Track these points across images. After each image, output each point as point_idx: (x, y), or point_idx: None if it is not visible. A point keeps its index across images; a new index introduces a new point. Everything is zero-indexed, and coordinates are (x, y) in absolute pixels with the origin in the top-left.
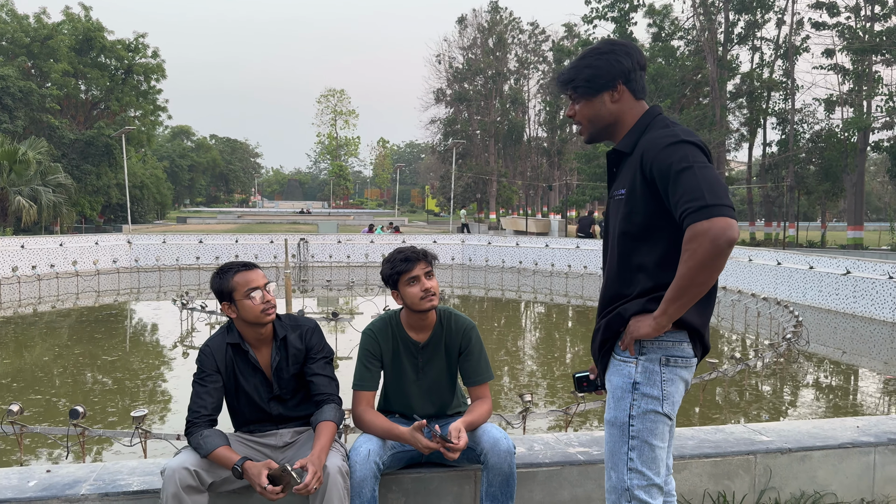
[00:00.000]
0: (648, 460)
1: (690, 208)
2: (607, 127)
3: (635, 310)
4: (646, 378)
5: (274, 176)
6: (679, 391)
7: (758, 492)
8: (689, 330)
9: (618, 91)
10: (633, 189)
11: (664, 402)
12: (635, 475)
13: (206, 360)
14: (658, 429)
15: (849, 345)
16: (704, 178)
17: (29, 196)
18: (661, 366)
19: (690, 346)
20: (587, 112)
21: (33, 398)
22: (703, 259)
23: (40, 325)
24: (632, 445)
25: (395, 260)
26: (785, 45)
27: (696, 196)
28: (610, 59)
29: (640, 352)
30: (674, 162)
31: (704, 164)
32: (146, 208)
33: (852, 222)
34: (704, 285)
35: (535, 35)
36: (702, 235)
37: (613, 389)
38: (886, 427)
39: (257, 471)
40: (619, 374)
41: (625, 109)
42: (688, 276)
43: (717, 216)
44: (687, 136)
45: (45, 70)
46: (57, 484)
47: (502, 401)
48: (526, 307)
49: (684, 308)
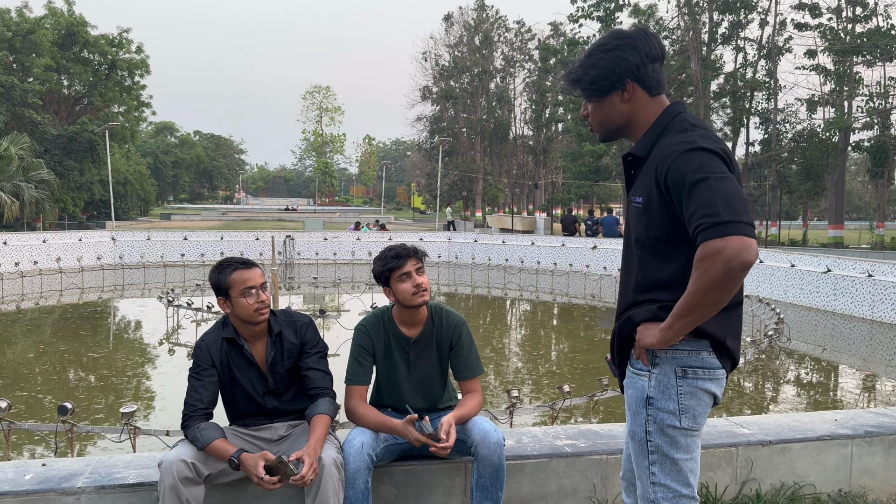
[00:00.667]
0: (672, 473)
1: (704, 224)
2: (620, 128)
3: (645, 316)
4: (660, 392)
5: (259, 173)
6: (703, 403)
7: (739, 483)
8: (710, 339)
9: (628, 90)
10: (650, 199)
11: (682, 417)
12: (660, 489)
13: (202, 354)
14: (679, 442)
15: (829, 342)
16: (721, 191)
17: (11, 192)
18: (678, 378)
19: (714, 355)
20: (598, 114)
21: (18, 395)
22: (713, 280)
23: (24, 322)
24: (652, 460)
25: (386, 257)
26: (768, 46)
27: (711, 211)
28: (615, 56)
29: (652, 363)
30: (689, 172)
31: (722, 175)
32: (129, 205)
33: (833, 221)
34: (715, 306)
35: (522, 33)
36: (714, 255)
37: (629, 402)
38: (863, 420)
39: (254, 462)
40: (633, 386)
41: (638, 108)
42: (697, 296)
43: (734, 234)
44: (705, 143)
45: (28, 65)
46: (53, 477)
47: (489, 396)
48: (512, 305)
49: (693, 325)
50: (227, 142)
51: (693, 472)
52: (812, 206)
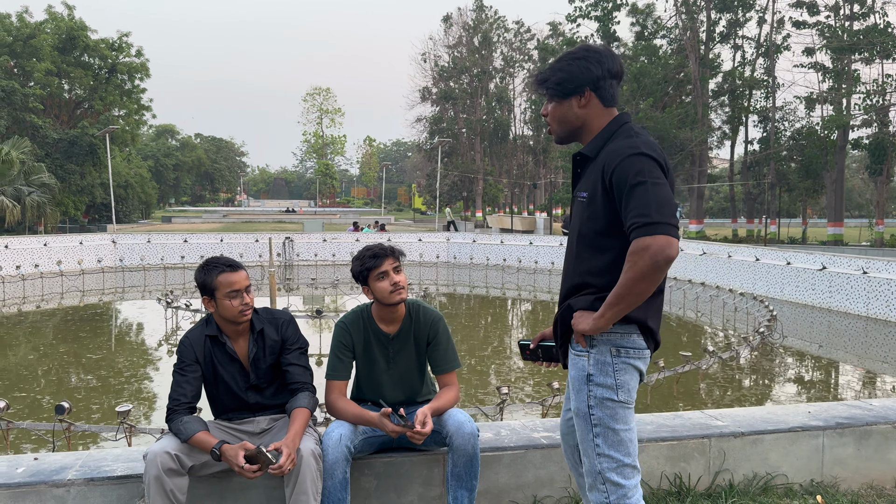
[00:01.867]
0: (615, 444)
1: (637, 223)
2: (574, 130)
3: (581, 305)
4: (598, 369)
5: (260, 175)
6: (634, 379)
7: (713, 473)
8: (637, 323)
9: (585, 97)
10: (594, 194)
11: (619, 391)
12: (604, 459)
13: (186, 350)
14: (618, 414)
15: (824, 338)
16: (655, 196)
17: (12, 196)
18: (613, 356)
19: (642, 338)
20: (556, 113)
21: (18, 396)
22: (641, 272)
23: (25, 324)
24: (596, 433)
25: (363, 257)
26: (766, 44)
27: (645, 212)
28: (581, 65)
29: (590, 345)
30: (630, 174)
31: (658, 181)
32: (131, 208)
33: (832, 219)
34: (642, 295)
35: (521, 34)
36: (643, 250)
37: (572, 381)
38: (836, 412)
39: (234, 452)
40: (575, 367)
41: (592, 115)
42: (627, 286)
43: (661, 234)
44: (648, 150)
45: (28, 69)
46: (44, 470)
47: (480, 395)
48: (510, 304)
49: (622, 313)
50: (229, 144)
51: (633, 443)
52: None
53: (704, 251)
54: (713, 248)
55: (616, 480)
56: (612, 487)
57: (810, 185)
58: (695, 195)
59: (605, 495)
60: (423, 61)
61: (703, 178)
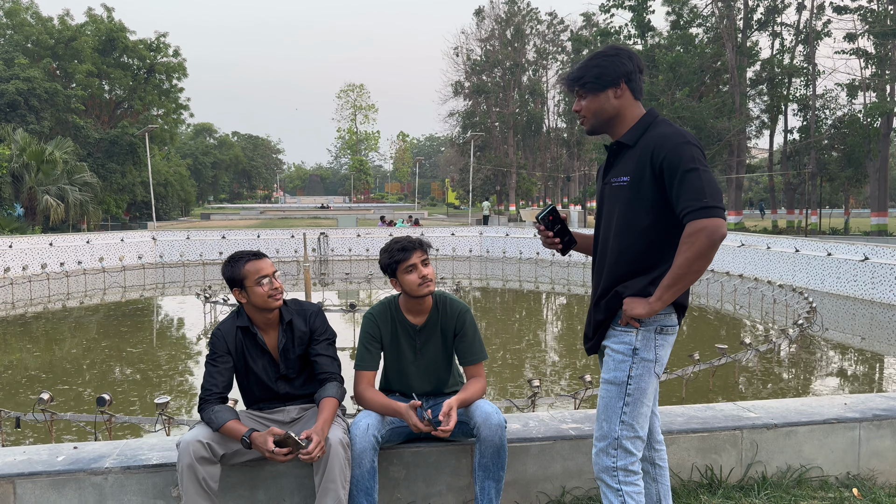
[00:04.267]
0: (637, 416)
1: (693, 206)
2: (608, 120)
3: (633, 291)
4: (644, 345)
5: (296, 172)
6: (667, 354)
7: (745, 465)
8: (675, 304)
9: (621, 89)
10: (638, 178)
11: (657, 364)
12: (626, 427)
13: (218, 342)
14: (650, 389)
15: (866, 331)
16: (708, 182)
17: (56, 195)
18: (656, 334)
19: (676, 316)
20: (592, 106)
21: (62, 388)
22: (699, 251)
23: (69, 320)
24: (627, 402)
25: (392, 250)
26: (805, 30)
27: (699, 196)
28: (615, 60)
29: (640, 322)
30: (683, 161)
31: (707, 168)
32: (171, 205)
33: (876, 209)
34: (698, 273)
35: (554, 25)
36: (700, 231)
37: (614, 354)
38: (873, 404)
39: (263, 438)
40: (621, 341)
41: (625, 106)
42: (685, 266)
43: (714, 216)
44: (692, 139)
45: (70, 71)
46: (83, 459)
47: (511, 388)
48: (545, 298)
49: (678, 294)
50: (265, 142)
51: (647, 420)
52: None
53: (743, 243)
54: (752, 240)
55: (629, 448)
56: (623, 454)
57: (852, 175)
58: (733, 186)
59: (614, 460)
60: (456, 55)
61: (742, 169)
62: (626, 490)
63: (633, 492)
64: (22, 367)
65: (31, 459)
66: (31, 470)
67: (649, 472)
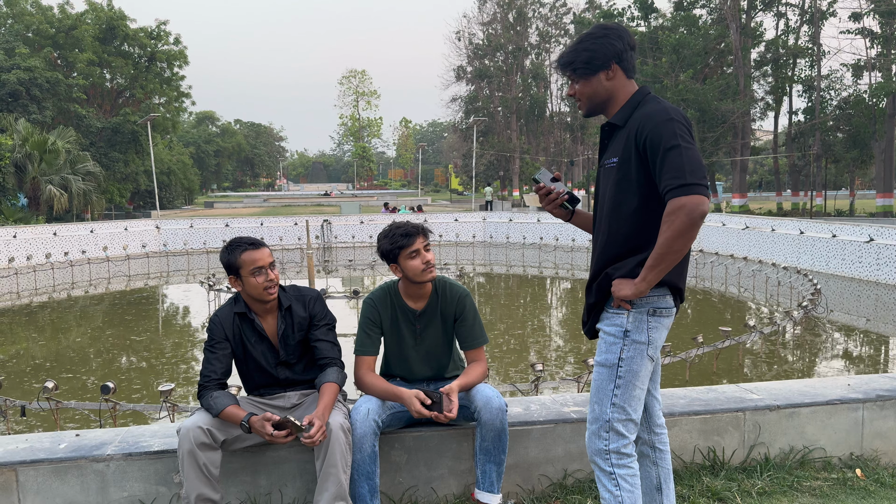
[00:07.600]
0: (629, 398)
1: (672, 184)
2: (602, 102)
3: (622, 273)
4: (635, 327)
5: (299, 159)
6: (662, 337)
7: (747, 447)
8: (669, 286)
9: (612, 70)
10: (626, 158)
11: (649, 347)
12: (617, 410)
13: (216, 328)
14: (642, 371)
15: (871, 312)
16: (689, 159)
17: (59, 185)
18: (649, 316)
19: (671, 298)
20: (586, 90)
21: (66, 377)
22: (679, 230)
23: (74, 309)
24: (618, 384)
25: (394, 235)
26: (810, 10)
27: (679, 174)
28: (604, 42)
29: (631, 304)
30: (665, 138)
31: (690, 145)
32: (174, 194)
33: (882, 190)
34: (680, 252)
35: (556, 8)
36: (679, 209)
37: (606, 336)
38: (877, 384)
39: (261, 422)
40: (613, 323)
41: (618, 87)
42: (666, 245)
43: (694, 193)
44: (676, 115)
45: (71, 60)
46: (85, 446)
47: (513, 373)
48: (550, 283)
49: (662, 273)
50: (268, 129)
51: (641, 402)
52: (860, 175)
53: (747, 225)
54: (756, 222)
55: (621, 431)
56: (615, 436)
57: (858, 156)
58: (738, 168)
59: (605, 442)
60: (458, 40)
61: (747, 151)
62: (619, 473)
63: (627, 474)
64: (27, 356)
65: (33, 447)
66: (33, 457)
67: (650, 455)
